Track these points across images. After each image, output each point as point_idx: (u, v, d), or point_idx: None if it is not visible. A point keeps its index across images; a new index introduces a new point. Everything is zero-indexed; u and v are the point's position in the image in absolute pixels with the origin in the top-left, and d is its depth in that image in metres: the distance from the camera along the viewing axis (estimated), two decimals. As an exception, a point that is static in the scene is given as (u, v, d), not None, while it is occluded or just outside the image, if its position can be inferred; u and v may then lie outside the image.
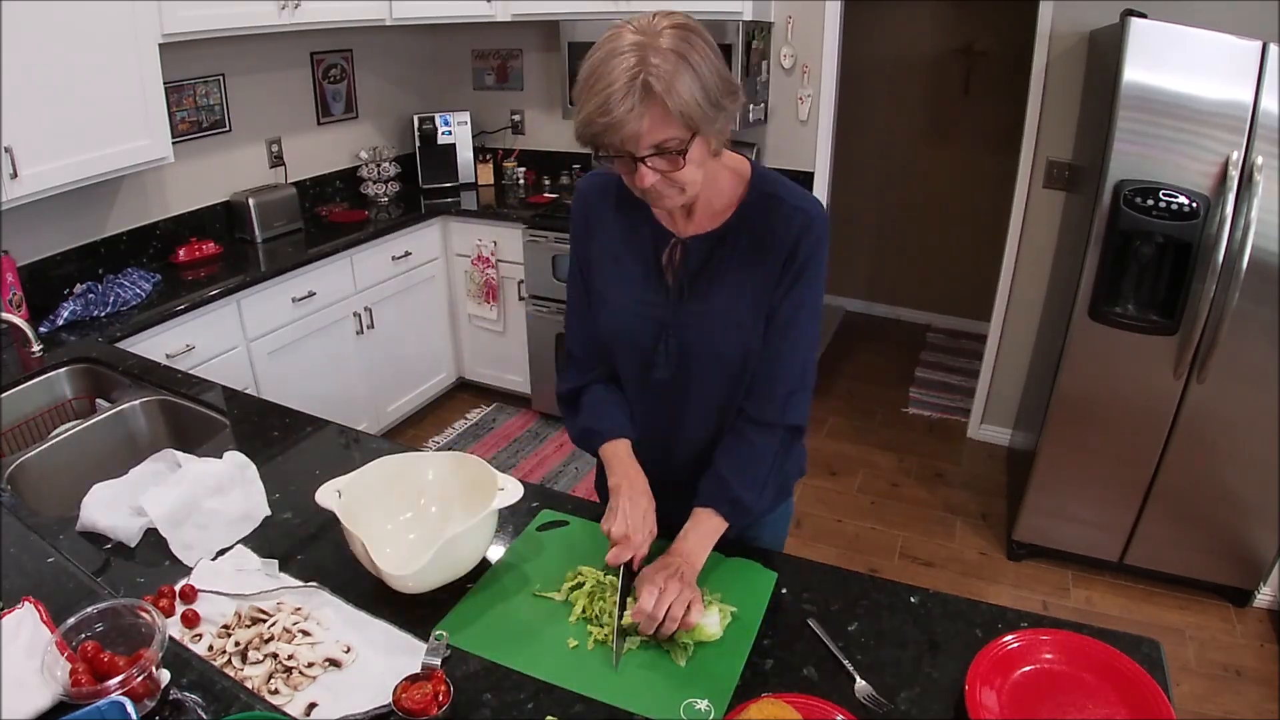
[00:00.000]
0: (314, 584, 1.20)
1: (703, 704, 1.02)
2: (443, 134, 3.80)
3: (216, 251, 2.93)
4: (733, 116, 1.09)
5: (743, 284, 1.20)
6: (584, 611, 1.16)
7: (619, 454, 1.28)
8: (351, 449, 1.63)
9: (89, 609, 1.00)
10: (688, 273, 1.22)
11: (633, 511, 1.20)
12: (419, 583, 1.14)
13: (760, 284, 1.19)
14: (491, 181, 3.93)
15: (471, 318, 3.72)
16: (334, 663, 1.07)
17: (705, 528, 1.21)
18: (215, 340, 2.61)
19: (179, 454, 1.48)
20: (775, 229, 1.17)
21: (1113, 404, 2.48)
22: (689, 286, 1.22)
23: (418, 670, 0.98)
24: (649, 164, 1.04)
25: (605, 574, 1.22)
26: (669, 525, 1.24)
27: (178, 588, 1.19)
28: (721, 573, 1.25)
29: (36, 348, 1.98)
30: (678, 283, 1.23)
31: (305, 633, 1.11)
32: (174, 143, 2.61)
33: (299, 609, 1.15)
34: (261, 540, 1.32)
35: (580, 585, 1.20)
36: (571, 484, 3.26)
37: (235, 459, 1.45)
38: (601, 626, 1.13)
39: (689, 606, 1.09)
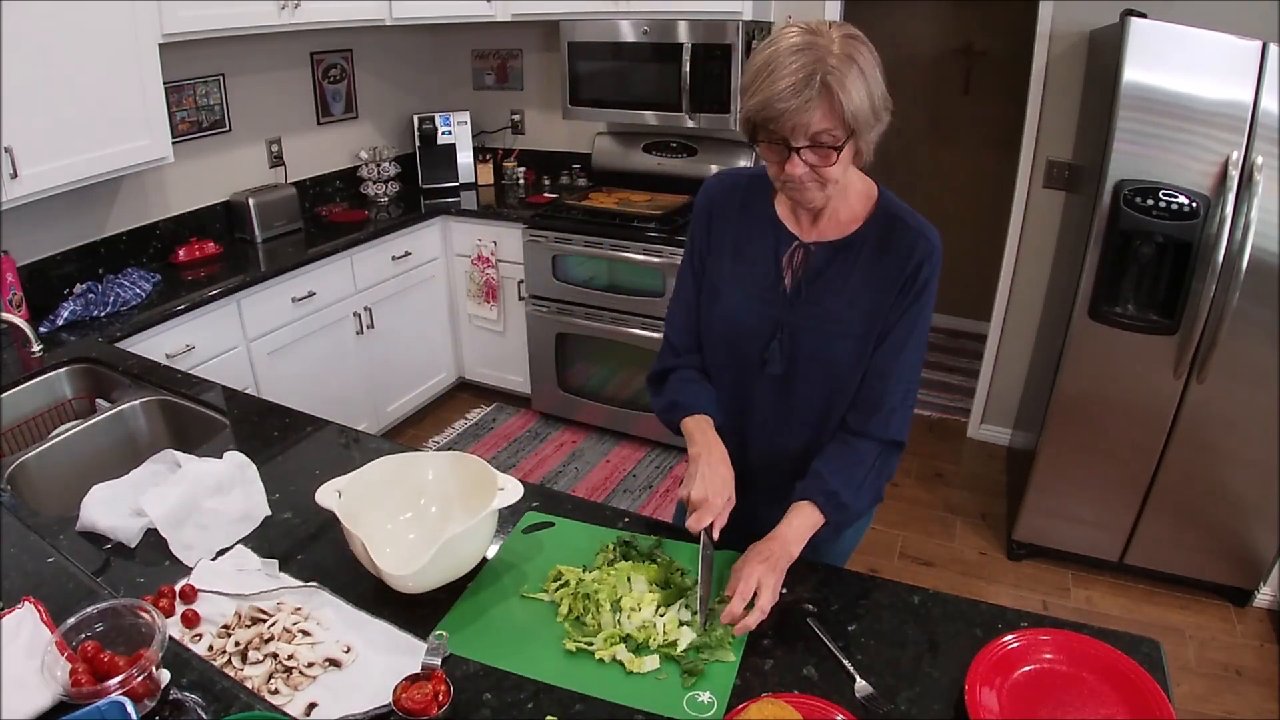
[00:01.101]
0: (314, 584, 1.20)
1: (705, 696, 1.02)
2: (443, 134, 3.80)
3: (216, 251, 2.93)
4: (882, 130, 1.15)
5: (858, 295, 1.24)
6: (569, 611, 1.16)
7: (701, 426, 1.31)
8: (351, 449, 1.63)
9: (89, 609, 0.99)
10: (806, 275, 1.26)
11: (712, 477, 1.22)
12: (419, 583, 1.14)
13: (875, 299, 1.23)
14: (491, 181, 3.93)
15: (471, 318, 3.72)
16: (334, 663, 1.06)
17: (802, 518, 1.22)
18: (215, 340, 2.61)
19: (179, 454, 1.48)
20: (898, 250, 1.22)
21: (1113, 404, 2.48)
22: (806, 289, 1.26)
23: (418, 670, 0.98)
24: (802, 155, 1.10)
25: (586, 571, 1.22)
26: (765, 525, 1.25)
27: (178, 588, 1.19)
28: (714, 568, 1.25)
29: (36, 348, 1.98)
30: (795, 284, 1.27)
31: (305, 633, 1.11)
32: (174, 143, 2.61)
33: (299, 609, 1.15)
34: (261, 540, 1.32)
35: (564, 585, 1.20)
36: (571, 484, 3.26)
37: (235, 459, 1.45)
38: (595, 637, 1.12)
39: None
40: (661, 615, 1.14)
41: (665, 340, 1.43)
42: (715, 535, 1.20)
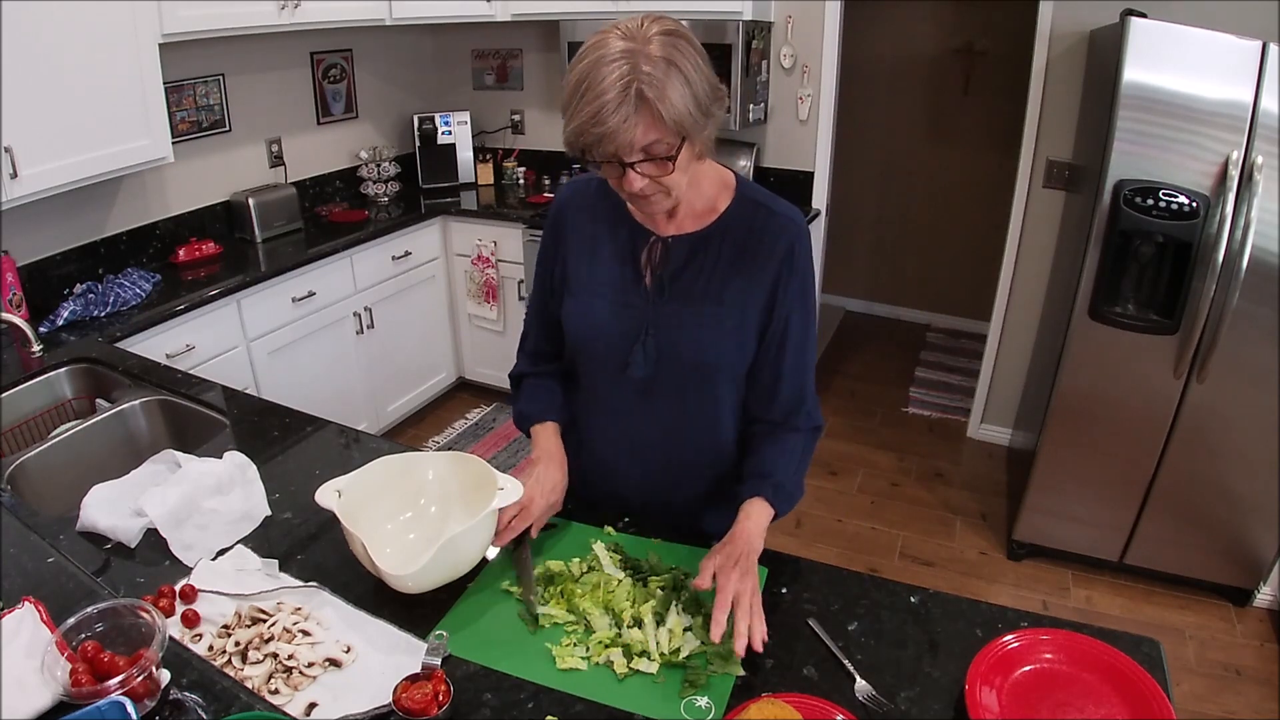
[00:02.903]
0: (314, 584, 1.20)
1: (703, 700, 1.02)
2: (443, 134, 3.80)
3: (216, 251, 2.93)
4: (720, 122, 1.10)
5: (727, 288, 1.21)
6: (557, 600, 1.18)
7: (545, 432, 1.35)
8: (351, 449, 1.63)
9: (89, 609, 0.99)
10: (667, 272, 1.23)
11: (544, 477, 1.28)
12: (419, 583, 1.14)
13: (749, 291, 1.21)
14: (491, 181, 3.93)
15: (471, 318, 3.72)
16: (334, 663, 1.06)
17: (758, 515, 1.21)
18: (215, 340, 2.61)
19: (179, 454, 1.48)
20: (764, 238, 1.19)
21: (1113, 404, 2.48)
22: (669, 286, 1.23)
23: (418, 670, 0.98)
24: (638, 169, 1.05)
25: (579, 565, 1.24)
26: (650, 511, 1.28)
27: (178, 588, 1.19)
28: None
29: (36, 348, 1.98)
30: (656, 282, 1.23)
31: (305, 633, 1.11)
32: (174, 143, 2.61)
33: (299, 609, 1.15)
34: (261, 540, 1.32)
35: (551, 583, 1.21)
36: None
37: (235, 459, 1.45)
38: (588, 641, 1.11)
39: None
40: (663, 625, 1.12)
41: (523, 340, 1.44)
42: (534, 534, 1.27)
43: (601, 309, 1.26)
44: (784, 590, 1.22)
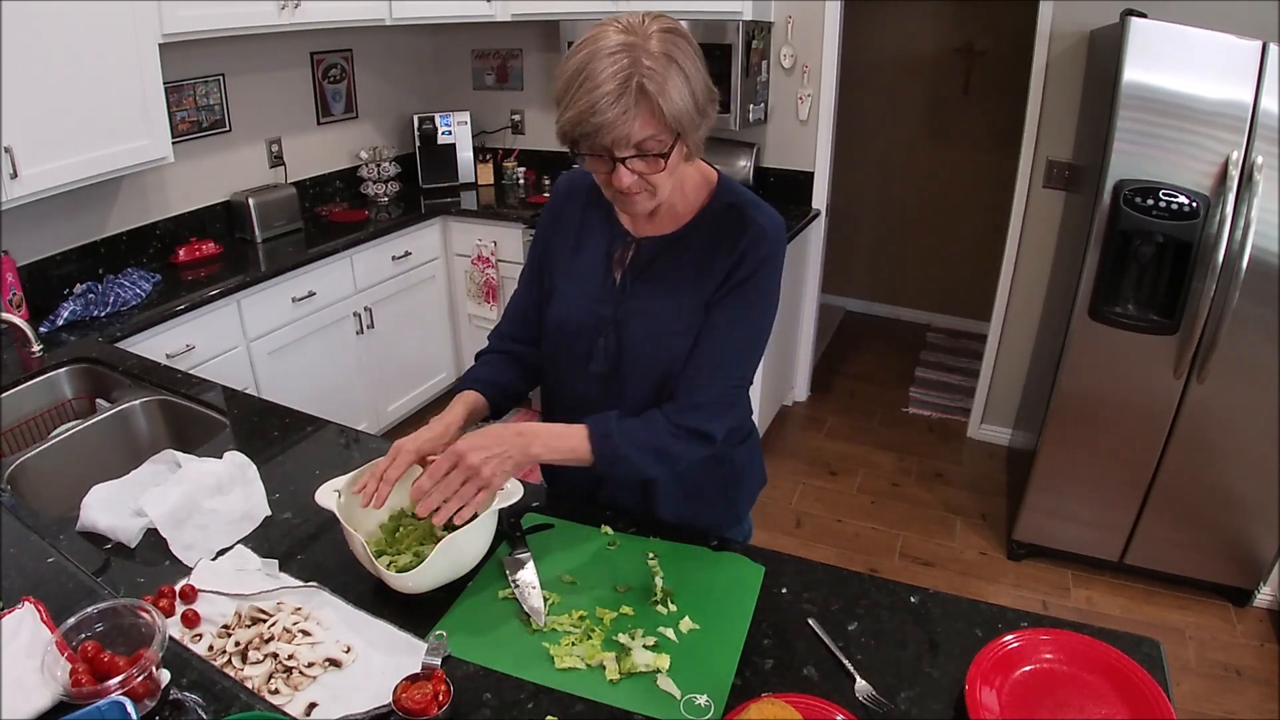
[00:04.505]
0: (314, 584, 1.20)
1: (702, 699, 1.02)
2: (443, 134, 3.80)
3: (216, 251, 2.93)
4: (712, 124, 1.11)
5: (684, 287, 1.21)
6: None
7: (460, 398, 1.32)
8: (351, 449, 1.63)
9: (89, 609, 0.99)
10: (635, 271, 1.24)
11: (424, 431, 1.21)
12: (419, 583, 1.14)
13: (700, 290, 1.20)
14: (491, 181, 3.93)
15: (471, 318, 3.72)
16: (334, 663, 1.06)
17: (568, 430, 1.20)
18: (215, 340, 2.61)
19: (179, 454, 1.48)
20: (729, 239, 1.18)
21: (1113, 404, 2.48)
22: (632, 285, 1.24)
23: (418, 670, 0.98)
24: (629, 165, 1.06)
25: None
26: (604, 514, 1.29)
27: (178, 588, 1.19)
28: (707, 565, 1.26)
29: (36, 348, 1.98)
30: (623, 280, 1.25)
31: (305, 633, 1.11)
32: (174, 143, 2.61)
33: (299, 609, 1.15)
34: (261, 540, 1.32)
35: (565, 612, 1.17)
36: (571, 484, 3.26)
37: (235, 459, 1.45)
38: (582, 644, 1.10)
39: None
40: (648, 647, 1.10)
41: (499, 323, 1.44)
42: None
43: (574, 303, 1.28)
44: (784, 590, 1.21)
